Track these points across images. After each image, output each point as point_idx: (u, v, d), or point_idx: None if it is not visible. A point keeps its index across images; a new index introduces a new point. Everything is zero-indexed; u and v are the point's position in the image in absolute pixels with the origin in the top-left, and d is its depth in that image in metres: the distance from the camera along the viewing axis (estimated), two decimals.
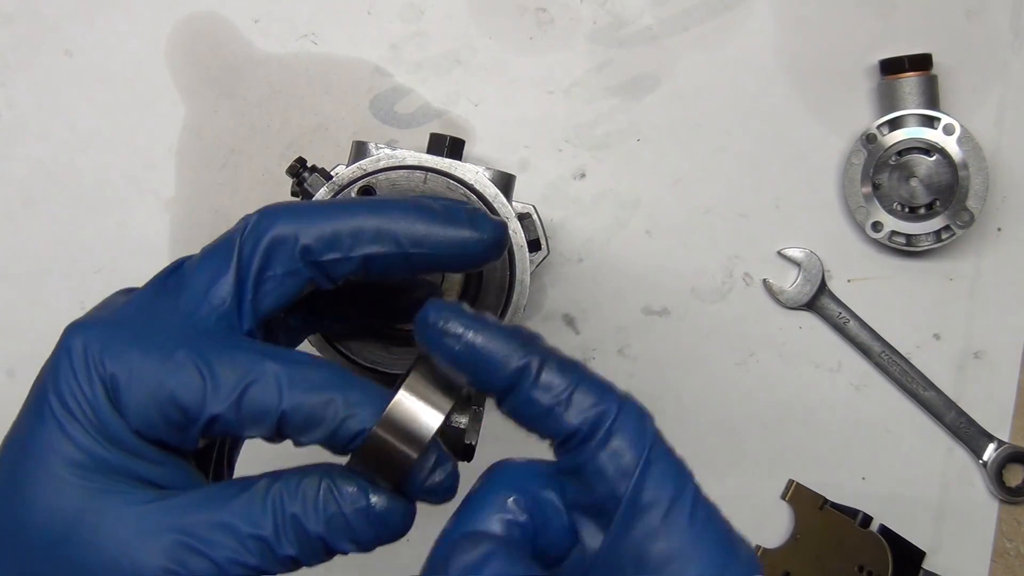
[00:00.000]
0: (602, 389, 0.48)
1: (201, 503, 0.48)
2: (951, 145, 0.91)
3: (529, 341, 0.48)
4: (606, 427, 0.47)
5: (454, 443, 0.78)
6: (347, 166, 0.72)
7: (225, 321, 0.50)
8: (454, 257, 0.52)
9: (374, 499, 0.49)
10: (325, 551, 0.49)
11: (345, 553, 0.49)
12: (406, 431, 0.48)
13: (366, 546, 0.49)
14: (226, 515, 0.47)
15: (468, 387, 0.49)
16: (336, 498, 0.48)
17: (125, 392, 0.48)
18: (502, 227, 0.54)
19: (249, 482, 0.49)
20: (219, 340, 0.49)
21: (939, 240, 0.92)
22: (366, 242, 0.51)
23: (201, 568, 0.46)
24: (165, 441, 0.49)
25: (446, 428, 0.52)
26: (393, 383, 0.72)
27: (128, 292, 0.54)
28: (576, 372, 0.48)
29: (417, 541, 0.52)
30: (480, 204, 0.70)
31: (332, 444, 0.49)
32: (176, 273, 0.52)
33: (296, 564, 0.49)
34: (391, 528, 0.49)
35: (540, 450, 0.52)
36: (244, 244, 0.51)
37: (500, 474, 0.50)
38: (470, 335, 0.47)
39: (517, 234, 0.71)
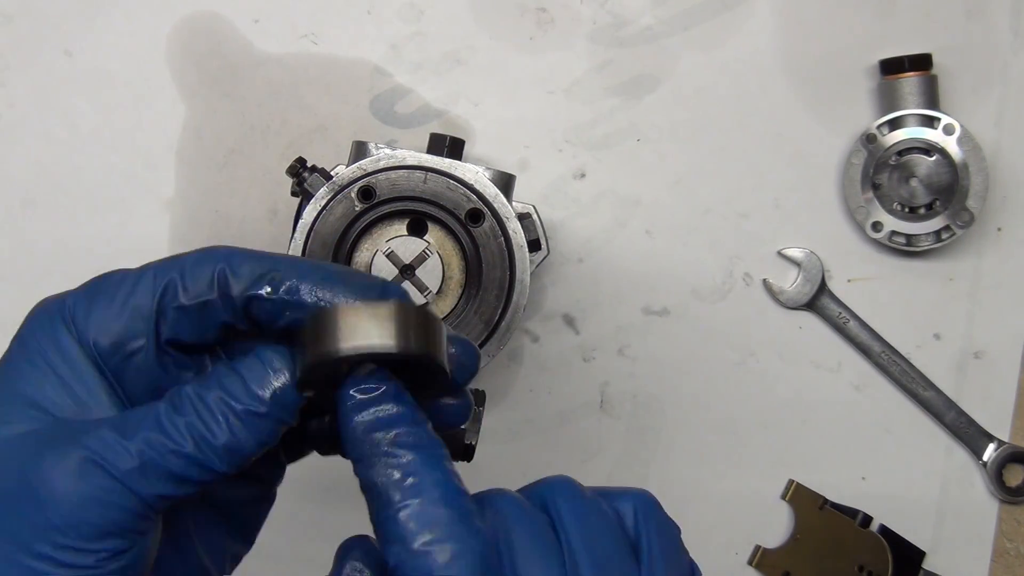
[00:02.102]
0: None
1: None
2: (951, 145, 0.91)
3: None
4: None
5: (454, 443, 0.78)
6: (347, 166, 0.72)
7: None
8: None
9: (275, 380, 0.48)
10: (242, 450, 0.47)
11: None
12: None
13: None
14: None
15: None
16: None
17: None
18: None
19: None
20: None
21: (939, 240, 0.92)
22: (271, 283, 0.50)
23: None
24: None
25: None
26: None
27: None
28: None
29: None
30: (481, 204, 0.70)
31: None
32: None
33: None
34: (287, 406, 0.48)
35: (540, 451, 0.52)
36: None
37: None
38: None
39: (517, 234, 0.71)
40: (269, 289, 0.49)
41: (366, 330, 0.46)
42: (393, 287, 0.51)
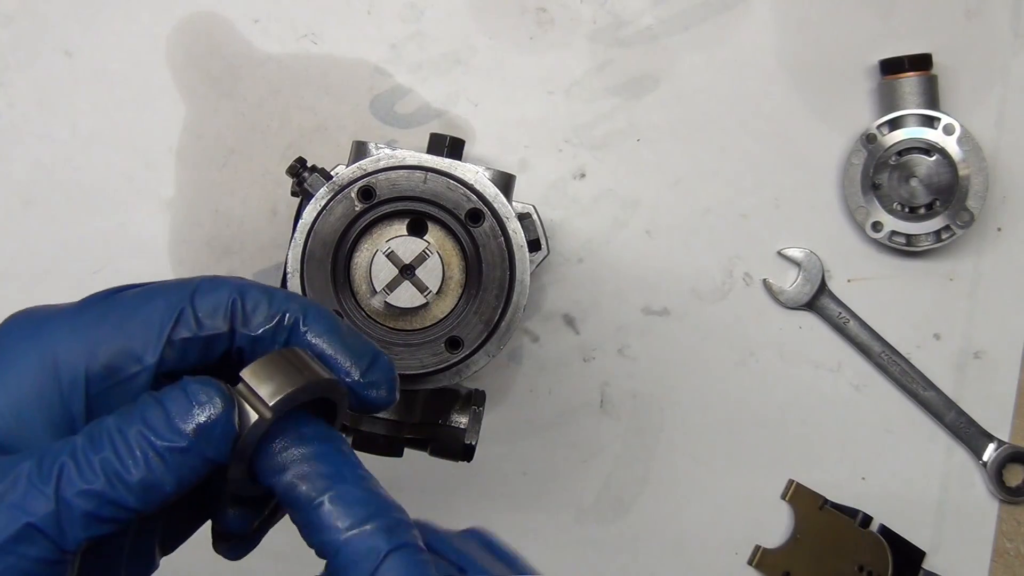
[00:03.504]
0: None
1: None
2: (951, 145, 0.91)
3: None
4: None
5: (454, 443, 0.78)
6: (347, 166, 0.72)
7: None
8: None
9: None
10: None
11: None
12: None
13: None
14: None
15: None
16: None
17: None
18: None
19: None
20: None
21: (939, 240, 0.92)
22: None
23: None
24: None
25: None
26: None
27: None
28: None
29: None
30: (481, 204, 0.70)
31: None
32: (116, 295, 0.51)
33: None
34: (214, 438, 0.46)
35: (540, 451, 0.52)
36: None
37: None
38: None
39: (517, 234, 0.71)
40: (275, 330, 0.49)
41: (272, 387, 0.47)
42: (384, 362, 0.51)
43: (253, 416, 0.46)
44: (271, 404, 0.47)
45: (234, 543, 0.53)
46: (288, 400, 0.47)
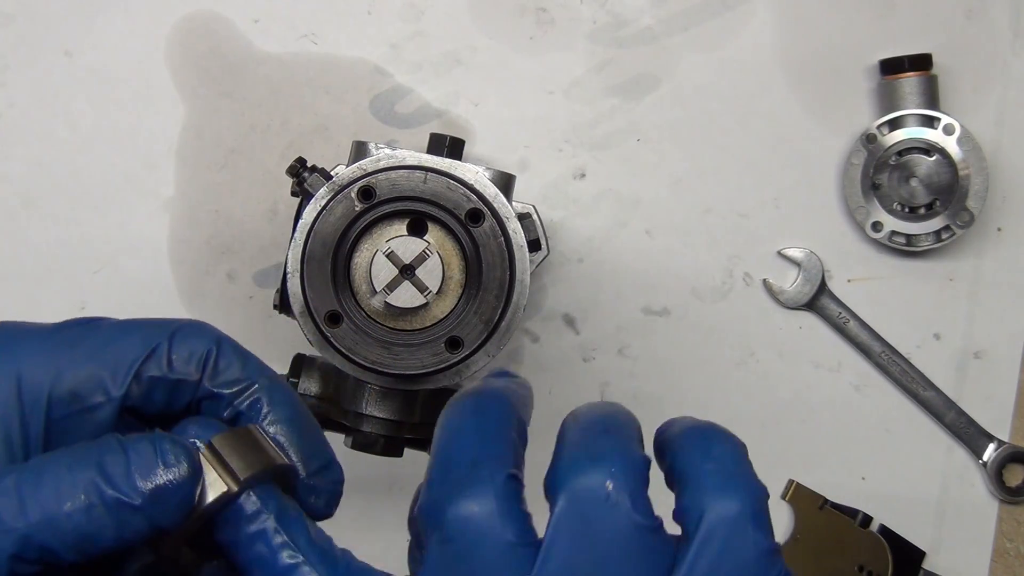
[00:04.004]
0: None
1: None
2: (951, 145, 0.91)
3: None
4: None
5: None
6: (347, 166, 0.72)
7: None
8: None
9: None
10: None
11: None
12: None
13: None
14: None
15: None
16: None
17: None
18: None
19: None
20: None
21: (939, 240, 0.92)
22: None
23: None
24: None
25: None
26: (394, 382, 0.72)
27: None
28: None
29: None
30: (481, 204, 0.70)
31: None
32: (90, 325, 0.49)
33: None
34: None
35: (540, 451, 0.52)
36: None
37: None
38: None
39: (517, 234, 0.71)
40: (237, 399, 0.48)
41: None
42: (336, 472, 0.50)
43: (220, 486, 0.45)
44: (242, 478, 0.45)
45: None
46: (256, 478, 0.46)
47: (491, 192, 0.71)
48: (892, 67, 0.92)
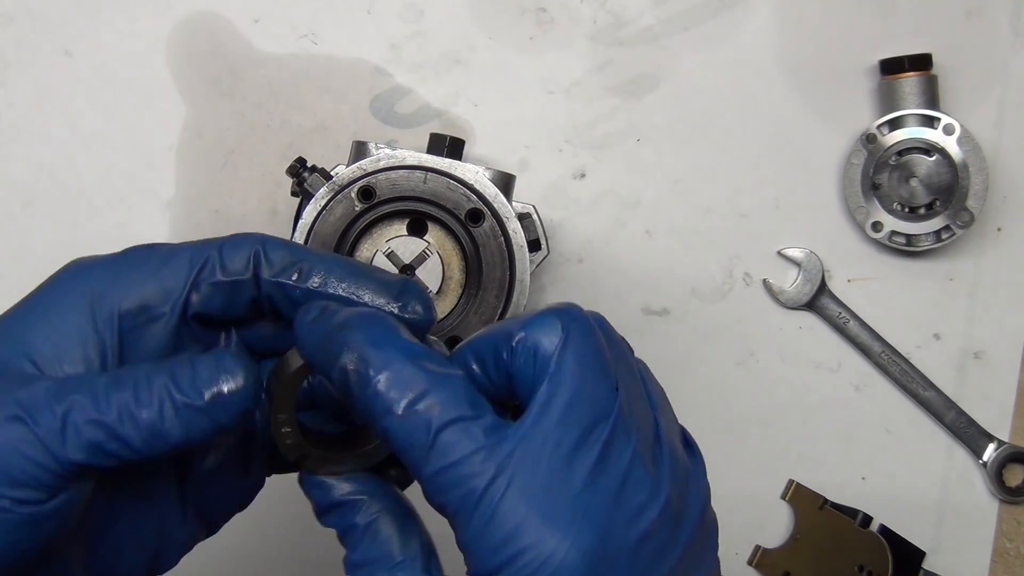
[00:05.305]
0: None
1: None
2: (951, 145, 0.91)
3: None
4: None
5: None
6: (347, 166, 0.72)
7: None
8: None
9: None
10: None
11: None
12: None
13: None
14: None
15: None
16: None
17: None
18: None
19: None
20: None
21: (939, 240, 0.92)
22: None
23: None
24: None
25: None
26: None
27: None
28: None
29: None
30: (481, 204, 0.71)
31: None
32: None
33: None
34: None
35: None
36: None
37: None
38: None
39: (517, 234, 0.71)
40: (296, 277, 0.52)
41: None
42: (412, 285, 0.53)
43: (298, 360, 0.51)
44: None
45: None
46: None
47: (491, 192, 0.71)
48: (892, 67, 0.92)
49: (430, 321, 0.53)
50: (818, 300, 0.95)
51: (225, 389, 0.48)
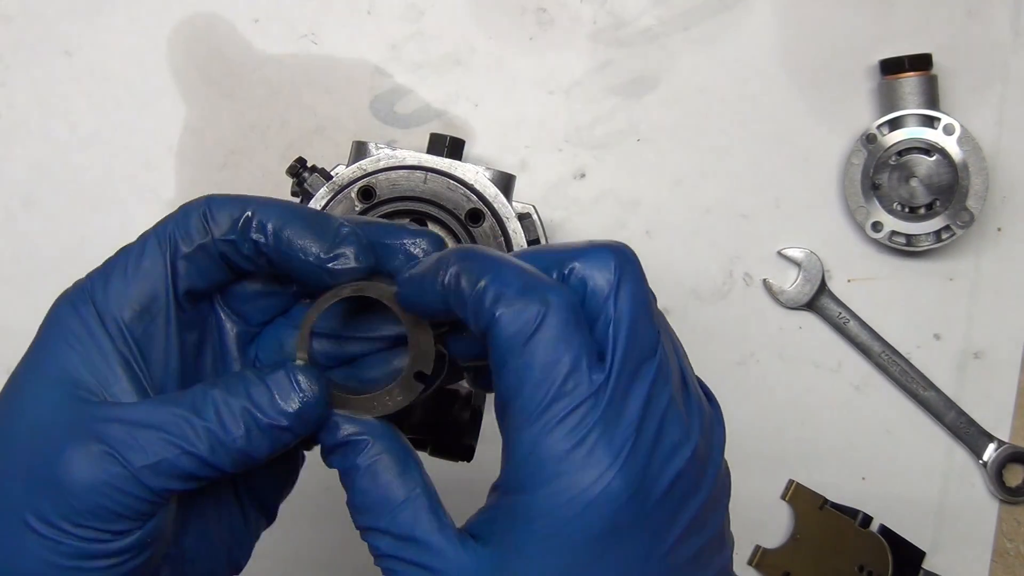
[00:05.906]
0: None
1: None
2: (951, 145, 0.91)
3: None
4: None
5: (454, 443, 0.77)
6: (347, 166, 0.72)
7: None
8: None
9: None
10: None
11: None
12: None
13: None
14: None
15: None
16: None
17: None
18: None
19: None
20: None
21: (939, 240, 0.92)
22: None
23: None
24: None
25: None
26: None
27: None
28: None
29: None
30: (481, 204, 0.71)
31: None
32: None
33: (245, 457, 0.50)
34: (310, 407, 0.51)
35: None
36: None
37: None
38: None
39: (517, 234, 0.71)
40: (245, 230, 0.52)
41: None
42: (349, 236, 0.53)
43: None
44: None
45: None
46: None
47: (491, 192, 0.71)
48: (892, 67, 0.92)
49: (357, 270, 0.52)
50: (818, 300, 0.95)
51: (303, 403, 0.50)
